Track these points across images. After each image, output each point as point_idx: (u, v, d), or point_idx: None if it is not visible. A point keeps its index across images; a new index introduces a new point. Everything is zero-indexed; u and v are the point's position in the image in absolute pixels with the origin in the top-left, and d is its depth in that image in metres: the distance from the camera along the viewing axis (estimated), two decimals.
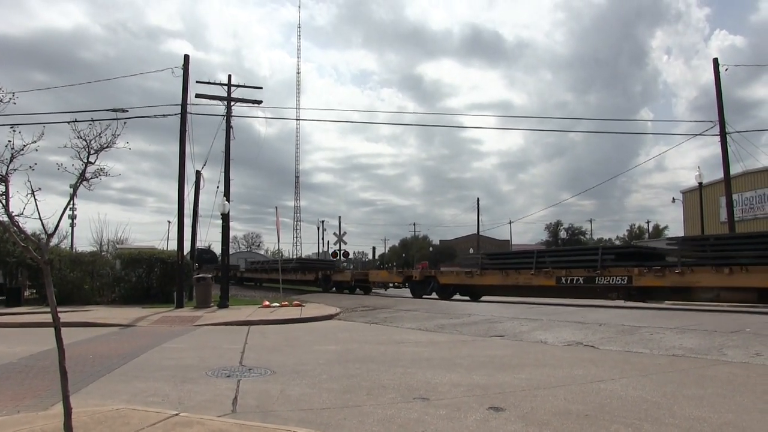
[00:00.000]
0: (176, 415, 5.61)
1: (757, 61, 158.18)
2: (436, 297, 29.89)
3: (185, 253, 25.62)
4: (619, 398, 6.48)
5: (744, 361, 9.05)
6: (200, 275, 25.26)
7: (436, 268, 45.61)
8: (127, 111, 21.96)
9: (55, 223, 5.31)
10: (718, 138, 27.15)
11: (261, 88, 26.92)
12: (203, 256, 49.64)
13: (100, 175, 5.58)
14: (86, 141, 5.38)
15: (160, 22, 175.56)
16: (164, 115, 23.98)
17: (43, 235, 5.00)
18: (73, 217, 63.99)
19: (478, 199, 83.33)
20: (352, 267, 53.31)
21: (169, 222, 60.61)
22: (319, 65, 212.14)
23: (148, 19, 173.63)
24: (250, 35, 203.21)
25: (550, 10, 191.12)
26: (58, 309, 4.93)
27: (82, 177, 5.43)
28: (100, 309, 22.06)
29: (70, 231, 63.20)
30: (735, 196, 33.28)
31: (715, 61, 27.61)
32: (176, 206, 24.81)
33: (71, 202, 6.20)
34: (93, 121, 5.57)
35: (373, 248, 72.77)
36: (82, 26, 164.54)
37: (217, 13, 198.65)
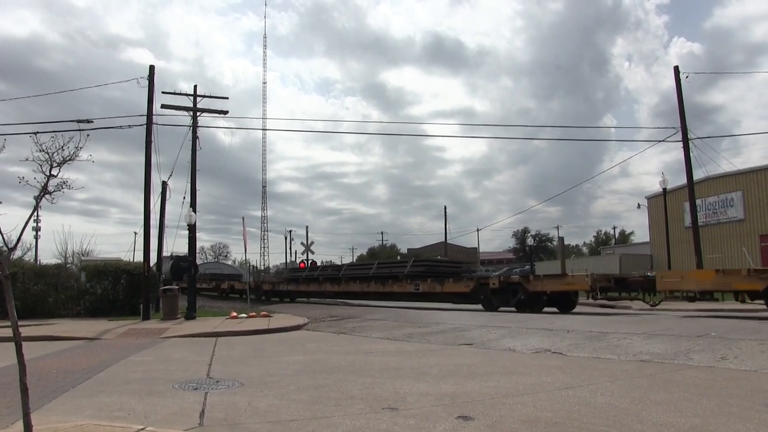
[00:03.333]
0: (142, 429, 5.52)
1: (712, 66, 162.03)
2: None
3: (151, 265, 25.33)
4: (588, 405, 6.52)
5: (710, 365, 9.18)
6: (166, 287, 24.98)
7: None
8: (93, 122, 21.75)
9: (17, 236, 5.22)
10: (680, 144, 27.66)
11: (227, 98, 26.70)
12: (181, 264, 46.45)
13: (63, 188, 5.50)
14: (48, 154, 5.30)
15: (120, 30, 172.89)
16: (129, 126, 23.75)
17: (4, 249, 4.90)
18: (37, 229, 63.15)
19: (445, 207, 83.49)
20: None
21: (135, 233, 59.82)
22: (282, 74, 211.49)
23: (107, 28, 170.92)
24: (212, 44, 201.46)
25: (510, 17, 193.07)
26: (22, 323, 4.84)
27: (44, 190, 5.34)
28: (65, 322, 21.68)
29: (34, 243, 62.26)
30: (698, 202, 33.83)
31: (676, 69, 28.19)
32: (141, 217, 24.55)
33: (33, 215, 6.09)
34: (55, 132, 5.49)
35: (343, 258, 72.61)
36: (39, 34, 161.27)
37: (178, 21, 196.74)
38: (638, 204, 60.70)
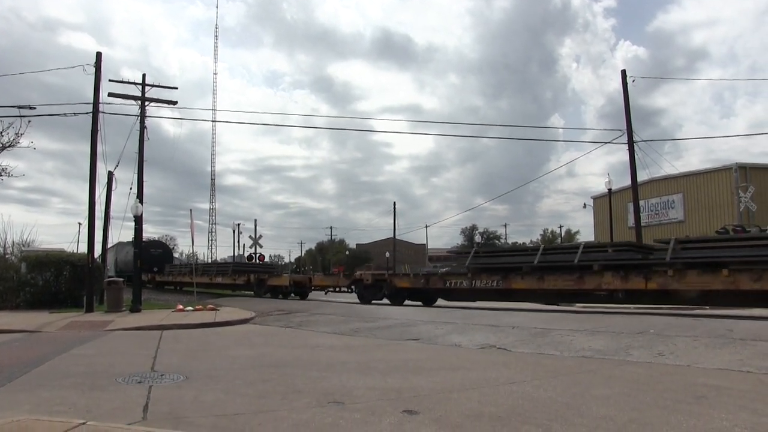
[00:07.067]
0: (83, 424, 5.41)
1: (655, 69, 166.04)
2: None
3: (96, 256, 24.81)
4: (531, 399, 6.64)
5: (648, 361, 9.45)
6: (111, 278, 24.51)
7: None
8: (35, 108, 21.18)
9: None
10: (625, 145, 28.24)
11: (176, 88, 26.18)
12: (151, 251, 41.76)
13: (1, 175, 5.37)
14: None
15: (59, 13, 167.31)
16: (75, 114, 23.11)
17: None
18: None
19: (394, 203, 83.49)
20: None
21: (79, 224, 58.14)
22: (230, 65, 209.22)
23: (46, 10, 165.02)
24: (158, 32, 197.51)
25: (459, 14, 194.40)
26: None
27: None
28: (2, 315, 21.09)
29: None
30: (642, 203, 34.64)
31: (623, 73, 28.74)
32: (85, 207, 23.95)
33: None
34: None
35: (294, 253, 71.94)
36: None
37: (121, 7, 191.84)
38: (584, 204, 61.89)
